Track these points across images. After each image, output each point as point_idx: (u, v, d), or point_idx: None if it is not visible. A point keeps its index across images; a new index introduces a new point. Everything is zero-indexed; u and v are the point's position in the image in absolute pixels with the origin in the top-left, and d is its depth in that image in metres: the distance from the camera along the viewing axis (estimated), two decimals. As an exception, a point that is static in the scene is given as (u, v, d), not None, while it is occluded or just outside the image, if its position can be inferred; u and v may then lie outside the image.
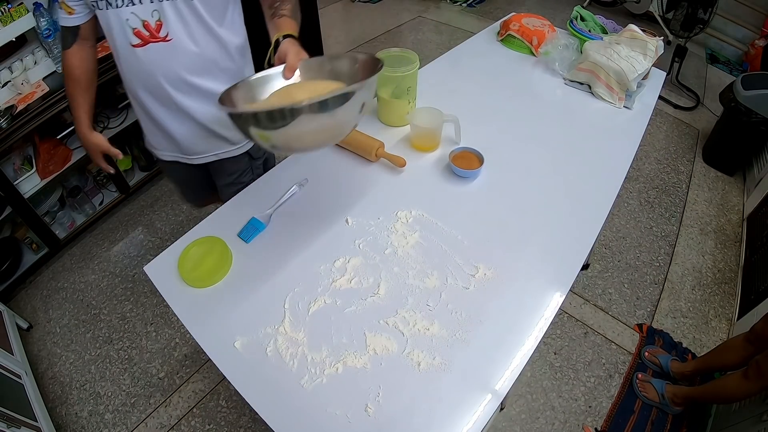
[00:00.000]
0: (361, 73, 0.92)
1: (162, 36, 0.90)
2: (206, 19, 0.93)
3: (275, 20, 0.97)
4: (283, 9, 0.98)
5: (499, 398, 0.71)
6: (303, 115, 0.69)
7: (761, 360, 1.18)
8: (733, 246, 2.06)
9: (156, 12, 0.87)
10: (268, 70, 0.93)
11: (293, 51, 0.90)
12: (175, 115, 1.04)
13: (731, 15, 3.18)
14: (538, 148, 1.14)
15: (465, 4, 3.97)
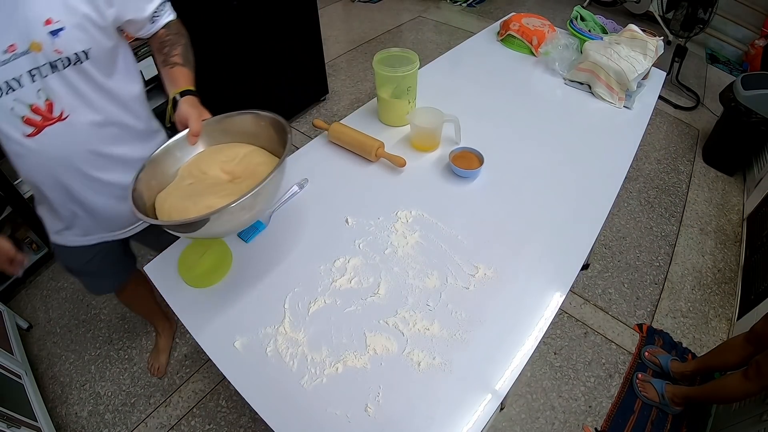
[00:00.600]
0: (266, 133, 0.88)
1: (56, 116, 0.79)
2: (98, 80, 0.83)
3: (168, 70, 0.92)
4: (174, 55, 0.92)
5: (499, 398, 0.71)
6: (224, 215, 0.68)
7: (761, 360, 1.18)
8: (733, 246, 2.06)
9: (41, 91, 0.76)
10: (171, 141, 0.87)
11: (194, 115, 0.84)
12: (99, 190, 0.94)
13: (731, 15, 3.19)
14: (538, 148, 1.14)
15: (465, 4, 3.97)
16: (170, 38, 0.94)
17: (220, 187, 0.81)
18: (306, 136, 2.61)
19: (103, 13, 0.79)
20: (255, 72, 2.22)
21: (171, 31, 0.95)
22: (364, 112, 1.27)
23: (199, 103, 0.89)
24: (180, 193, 0.80)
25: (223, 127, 0.91)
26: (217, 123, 0.90)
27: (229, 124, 0.91)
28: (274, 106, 2.60)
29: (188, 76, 0.93)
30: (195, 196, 0.78)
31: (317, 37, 2.48)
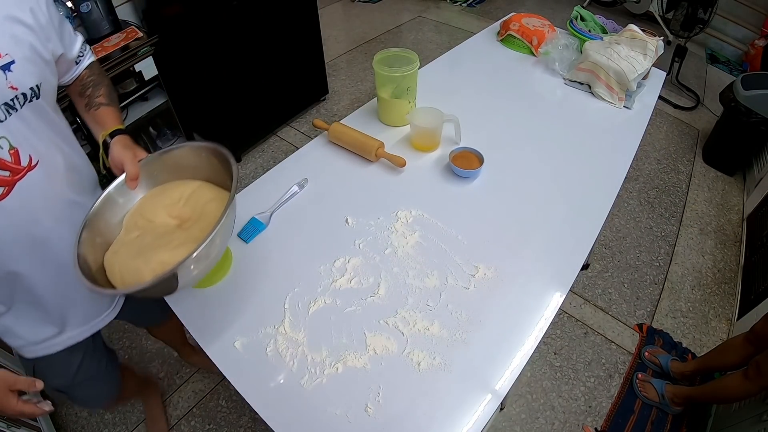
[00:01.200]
0: (208, 164, 0.82)
1: (26, 165, 0.68)
2: (53, 117, 0.75)
3: (93, 113, 0.85)
4: (98, 96, 0.85)
5: (499, 398, 0.71)
6: (177, 271, 0.62)
7: (761, 360, 1.18)
8: (733, 246, 2.06)
9: (4, 139, 0.65)
10: (110, 188, 0.78)
11: (128, 157, 0.77)
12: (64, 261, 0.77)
13: (731, 15, 3.18)
14: (538, 148, 1.14)
15: (465, 4, 3.97)
16: (93, 79, 0.87)
17: (169, 236, 0.75)
18: (306, 136, 2.61)
19: (45, 45, 0.71)
20: (255, 72, 2.22)
21: (93, 71, 0.88)
22: (364, 112, 1.27)
23: (132, 142, 0.82)
24: (128, 249, 0.73)
25: (162, 165, 0.83)
26: (155, 161, 0.82)
27: (168, 160, 0.83)
28: (274, 106, 2.61)
29: (116, 115, 0.86)
30: (145, 251, 0.71)
31: (317, 37, 2.48)
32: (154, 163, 0.82)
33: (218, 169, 0.81)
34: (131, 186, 0.78)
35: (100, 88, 0.87)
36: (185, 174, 0.84)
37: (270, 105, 2.43)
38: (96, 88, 0.86)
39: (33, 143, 0.70)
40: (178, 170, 0.84)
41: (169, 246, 0.71)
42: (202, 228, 0.76)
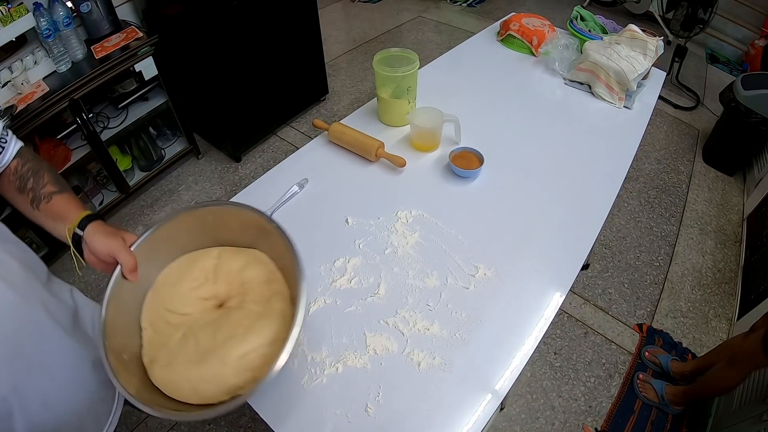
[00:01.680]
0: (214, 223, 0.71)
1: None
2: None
3: (45, 207, 0.68)
4: (44, 186, 0.68)
5: (499, 398, 0.71)
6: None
7: (743, 344, 1.22)
8: (733, 246, 2.06)
9: None
10: (109, 291, 0.63)
11: (117, 245, 0.63)
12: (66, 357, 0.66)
13: (731, 15, 3.18)
14: (538, 147, 1.14)
15: (465, 4, 3.97)
16: (30, 167, 0.69)
17: (222, 323, 0.64)
18: (306, 136, 2.61)
19: None
20: (255, 72, 2.22)
21: (26, 158, 0.70)
22: (364, 112, 1.27)
23: (107, 225, 0.67)
24: (184, 357, 0.61)
25: (157, 242, 0.70)
26: (148, 241, 0.68)
27: (162, 235, 0.70)
28: (274, 106, 2.61)
29: (75, 201, 0.69)
30: (209, 352, 0.60)
31: (317, 37, 2.49)
32: (147, 243, 0.68)
33: (227, 226, 0.71)
34: (132, 279, 0.65)
35: (42, 176, 0.69)
36: (189, 244, 0.73)
37: (270, 105, 2.43)
38: (37, 177, 0.69)
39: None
40: (178, 243, 0.72)
41: (235, 336, 0.61)
42: (256, 300, 0.67)
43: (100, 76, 1.74)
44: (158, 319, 0.67)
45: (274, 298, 0.67)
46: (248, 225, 0.71)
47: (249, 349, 0.60)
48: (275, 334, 0.62)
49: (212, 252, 0.73)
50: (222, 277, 0.70)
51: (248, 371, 0.59)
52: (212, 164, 2.45)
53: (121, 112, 2.02)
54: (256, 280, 0.69)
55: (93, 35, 1.84)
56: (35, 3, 1.58)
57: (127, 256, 0.64)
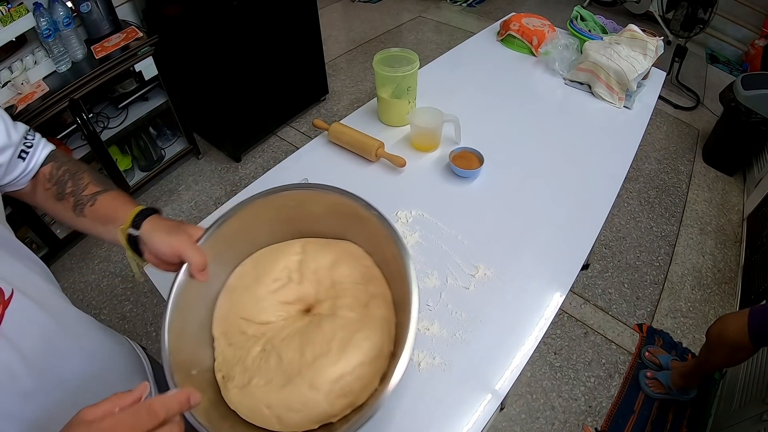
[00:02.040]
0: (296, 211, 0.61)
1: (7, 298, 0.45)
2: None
3: (89, 210, 0.59)
4: (86, 188, 0.60)
5: (499, 398, 0.71)
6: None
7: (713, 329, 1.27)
8: (733, 246, 2.06)
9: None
10: (173, 295, 0.54)
11: (183, 242, 0.55)
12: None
13: (731, 15, 3.18)
14: (538, 147, 1.14)
15: (465, 4, 3.97)
16: (66, 169, 0.61)
17: (312, 335, 0.54)
18: (306, 136, 2.61)
19: None
20: (255, 72, 2.22)
21: (60, 161, 0.62)
22: (364, 112, 1.27)
23: (166, 219, 0.59)
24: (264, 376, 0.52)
25: (228, 237, 0.59)
26: (216, 235, 0.58)
27: (231, 227, 0.59)
28: (274, 106, 2.61)
29: (124, 198, 0.61)
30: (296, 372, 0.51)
31: (317, 37, 2.49)
32: (217, 237, 0.58)
33: (311, 214, 0.61)
34: (202, 279, 0.57)
35: (81, 177, 0.61)
36: (265, 237, 0.63)
37: (270, 105, 2.43)
38: (76, 179, 0.60)
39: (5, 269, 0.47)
40: (253, 236, 0.62)
41: (329, 353, 0.52)
42: (350, 306, 0.57)
43: (100, 76, 1.74)
44: (232, 329, 0.58)
45: (372, 302, 0.57)
46: (337, 211, 0.60)
47: (346, 371, 0.50)
48: (377, 349, 0.52)
49: (294, 246, 0.62)
50: (308, 276, 0.60)
51: (344, 397, 0.50)
52: (212, 164, 2.45)
53: (121, 112, 2.02)
54: (349, 280, 0.59)
55: (93, 35, 1.84)
56: (35, 3, 1.58)
57: (195, 254, 0.55)
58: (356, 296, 0.58)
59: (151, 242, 0.55)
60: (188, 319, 0.55)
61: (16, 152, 0.57)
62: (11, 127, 0.55)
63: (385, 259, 0.58)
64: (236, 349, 0.56)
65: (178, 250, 0.55)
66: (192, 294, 0.56)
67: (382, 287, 0.59)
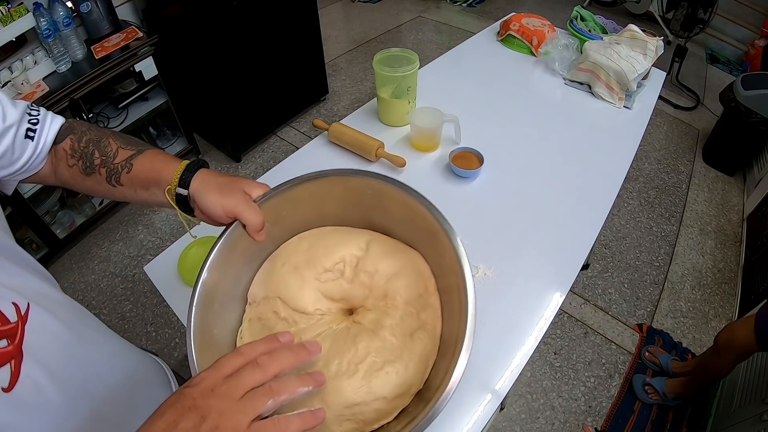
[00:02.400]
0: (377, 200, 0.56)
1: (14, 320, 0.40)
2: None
3: (127, 177, 0.53)
4: (117, 153, 0.54)
5: (499, 398, 0.71)
6: None
7: (722, 335, 1.28)
8: (733, 246, 2.06)
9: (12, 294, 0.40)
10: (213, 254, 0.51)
11: (241, 201, 0.50)
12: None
13: (731, 15, 3.18)
14: (538, 148, 1.14)
15: (465, 4, 3.97)
16: (88, 138, 0.54)
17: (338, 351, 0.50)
18: (306, 136, 2.61)
19: None
20: (255, 72, 2.22)
21: (80, 132, 0.55)
22: (364, 112, 1.27)
23: (218, 174, 0.54)
24: None
25: (294, 201, 0.55)
26: (281, 196, 0.54)
27: (301, 193, 0.55)
28: (274, 106, 2.60)
29: (163, 157, 0.55)
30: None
31: (317, 37, 2.48)
32: (281, 199, 0.54)
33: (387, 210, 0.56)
34: (258, 239, 0.52)
35: (108, 143, 0.54)
36: (332, 216, 0.58)
37: (270, 105, 2.43)
38: (102, 146, 0.54)
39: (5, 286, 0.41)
40: (319, 211, 0.57)
41: (354, 376, 0.47)
42: (394, 329, 0.51)
43: (100, 76, 1.74)
44: (266, 304, 0.54)
45: (418, 333, 0.52)
46: (414, 219, 0.54)
47: (364, 401, 0.47)
48: (406, 388, 0.48)
49: (359, 238, 0.57)
50: (362, 277, 0.55)
51: (353, 422, 0.47)
52: (212, 164, 2.45)
53: (121, 112, 2.02)
54: (404, 298, 0.54)
55: (93, 35, 1.84)
56: (35, 3, 1.58)
57: (253, 215, 0.50)
58: (404, 319, 0.53)
59: (203, 202, 0.51)
60: (225, 277, 0.52)
61: (19, 132, 0.50)
62: (8, 106, 0.49)
63: (448, 287, 0.53)
64: (263, 327, 0.54)
65: (234, 212, 0.50)
66: (237, 252, 0.52)
67: (435, 318, 0.54)
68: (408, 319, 0.53)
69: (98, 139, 0.55)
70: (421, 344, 0.51)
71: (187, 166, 0.53)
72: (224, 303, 0.52)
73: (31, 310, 0.42)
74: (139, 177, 0.53)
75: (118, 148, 0.54)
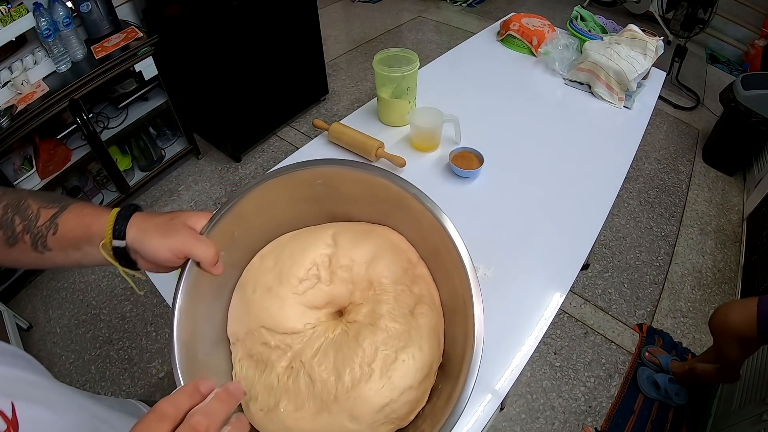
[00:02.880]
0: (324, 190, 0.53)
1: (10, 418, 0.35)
2: None
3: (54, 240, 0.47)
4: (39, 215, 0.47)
5: (499, 398, 0.71)
6: None
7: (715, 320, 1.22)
8: (733, 246, 2.06)
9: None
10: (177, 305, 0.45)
11: (187, 237, 0.46)
12: None
13: (731, 15, 3.18)
14: (538, 148, 1.14)
15: (465, 4, 3.97)
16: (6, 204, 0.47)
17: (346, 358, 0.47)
18: (306, 136, 2.61)
19: None
20: (255, 72, 2.22)
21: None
22: (364, 112, 1.27)
23: (153, 215, 0.49)
24: (294, 400, 0.46)
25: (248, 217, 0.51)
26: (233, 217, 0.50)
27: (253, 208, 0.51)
28: (274, 106, 2.60)
29: (89, 210, 0.49)
30: (331, 397, 0.45)
31: (317, 37, 2.49)
32: (228, 220, 0.49)
33: (344, 195, 0.53)
34: (216, 272, 0.48)
35: (27, 205, 0.47)
36: (289, 218, 0.54)
37: (270, 105, 2.43)
38: (21, 210, 0.47)
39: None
40: (273, 217, 0.53)
41: (371, 376, 0.45)
42: (393, 313, 0.49)
43: (100, 76, 1.75)
44: (252, 339, 0.50)
45: (418, 308, 0.50)
46: (376, 193, 0.51)
47: (392, 398, 0.44)
48: (428, 368, 0.46)
49: (324, 235, 0.53)
50: (340, 274, 0.52)
51: (389, 424, 0.45)
52: (212, 164, 2.45)
53: (121, 112, 2.02)
54: (390, 278, 0.51)
55: (93, 35, 1.85)
56: (35, 3, 1.58)
57: (203, 249, 0.46)
58: (399, 300, 0.50)
59: (145, 249, 0.46)
60: (198, 324, 0.47)
61: None
62: None
63: (434, 250, 0.49)
64: (257, 363, 0.49)
65: (183, 251, 0.46)
66: (202, 291, 0.47)
67: (429, 287, 0.52)
68: (403, 299, 0.51)
69: (16, 203, 0.48)
70: (425, 318, 0.49)
71: (119, 214, 0.47)
72: (207, 352, 0.48)
73: (17, 409, 0.37)
74: (66, 237, 0.47)
75: (39, 208, 0.47)
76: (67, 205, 0.48)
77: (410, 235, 0.53)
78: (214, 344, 0.50)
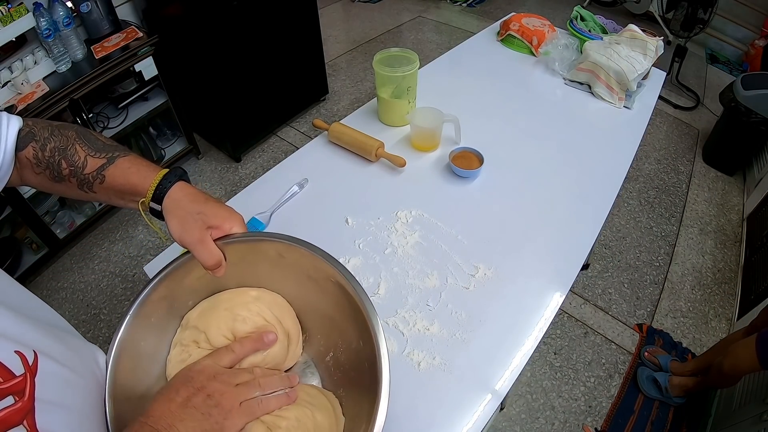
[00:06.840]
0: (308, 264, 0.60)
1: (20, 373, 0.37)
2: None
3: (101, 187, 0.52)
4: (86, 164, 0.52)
5: (499, 398, 0.71)
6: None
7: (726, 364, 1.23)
8: (733, 246, 2.06)
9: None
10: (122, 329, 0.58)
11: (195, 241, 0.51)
12: None
13: (731, 15, 3.18)
14: (538, 147, 1.14)
15: (465, 4, 3.97)
16: (52, 147, 0.51)
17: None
18: (306, 136, 2.61)
19: None
20: (255, 72, 2.22)
21: (41, 138, 0.52)
22: (364, 112, 1.27)
23: (191, 196, 0.53)
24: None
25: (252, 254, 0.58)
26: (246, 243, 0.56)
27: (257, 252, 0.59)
28: (274, 106, 2.60)
29: (137, 164, 0.53)
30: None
31: (317, 37, 2.49)
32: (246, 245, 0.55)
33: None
34: (218, 274, 0.54)
35: (75, 151, 0.51)
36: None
37: (270, 105, 2.43)
38: (68, 155, 0.51)
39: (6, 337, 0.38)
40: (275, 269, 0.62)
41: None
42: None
43: (100, 76, 1.75)
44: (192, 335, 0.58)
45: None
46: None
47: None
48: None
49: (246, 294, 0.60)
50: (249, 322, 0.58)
51: None
52: (212, 164, 2.45)
53: (121, 112, 2.02)
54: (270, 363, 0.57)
55: (93, 35, 1.85)
56: (35, 3, 1.58)
57: (206, 256, 0.52)
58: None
59: (167, 221, 0.52)
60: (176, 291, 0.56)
61: None
62: None
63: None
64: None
65: (188, 248, 0.52)
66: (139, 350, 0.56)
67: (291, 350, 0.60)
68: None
69: (63, 147, 0.51)
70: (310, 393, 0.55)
71: (163, 179, 0.52)
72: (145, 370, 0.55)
73: (39, 360, 0.39)
74: (112, 188, 0.53)
75: (87, 156, 0.52)
76: (114, 158, 0.53)
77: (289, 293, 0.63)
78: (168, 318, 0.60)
